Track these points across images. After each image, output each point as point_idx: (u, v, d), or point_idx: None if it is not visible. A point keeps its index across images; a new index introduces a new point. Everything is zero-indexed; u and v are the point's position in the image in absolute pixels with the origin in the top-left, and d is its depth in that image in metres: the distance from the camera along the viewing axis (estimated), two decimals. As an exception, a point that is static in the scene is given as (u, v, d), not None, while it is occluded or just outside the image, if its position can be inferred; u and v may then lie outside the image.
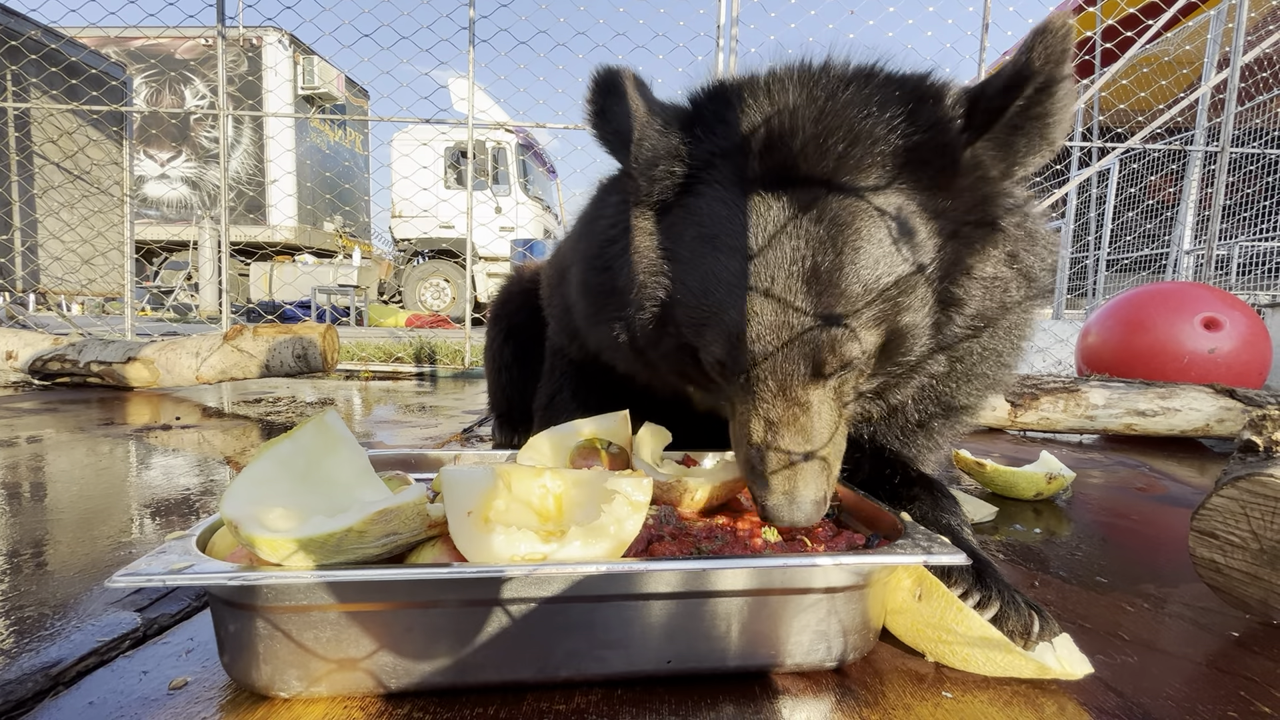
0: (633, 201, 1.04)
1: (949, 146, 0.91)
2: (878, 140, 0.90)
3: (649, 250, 1.02)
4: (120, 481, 1.75)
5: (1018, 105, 0.88)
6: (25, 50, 5.45)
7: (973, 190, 0.93)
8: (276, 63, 13.56)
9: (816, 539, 0.94)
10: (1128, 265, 8.27)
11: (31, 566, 1.14)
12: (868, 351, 0.91)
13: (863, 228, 0.88)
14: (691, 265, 0.96)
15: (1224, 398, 2.67)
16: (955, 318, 0.97)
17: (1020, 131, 0.90)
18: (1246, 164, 6.52)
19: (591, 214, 1.23)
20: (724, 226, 0.93)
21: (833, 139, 0.90)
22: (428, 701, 0.75)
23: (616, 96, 1.04)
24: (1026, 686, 0.82)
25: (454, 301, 13.93)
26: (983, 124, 0.90)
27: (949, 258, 0.93)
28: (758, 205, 0.91)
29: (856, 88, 0.94)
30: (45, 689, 0.77)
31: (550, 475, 0.87)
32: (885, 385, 1.03)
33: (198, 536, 0.78)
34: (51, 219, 5.97)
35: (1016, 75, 0.86)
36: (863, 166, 0.90)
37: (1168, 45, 6.13)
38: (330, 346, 3.68)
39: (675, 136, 0.98)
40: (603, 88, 1.05)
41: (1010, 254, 0.99)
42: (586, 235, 1.21)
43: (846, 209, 0.89)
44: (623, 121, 1.03)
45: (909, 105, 0.91)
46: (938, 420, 1.22)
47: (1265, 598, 0.99)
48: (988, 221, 0.95)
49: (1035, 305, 1.11)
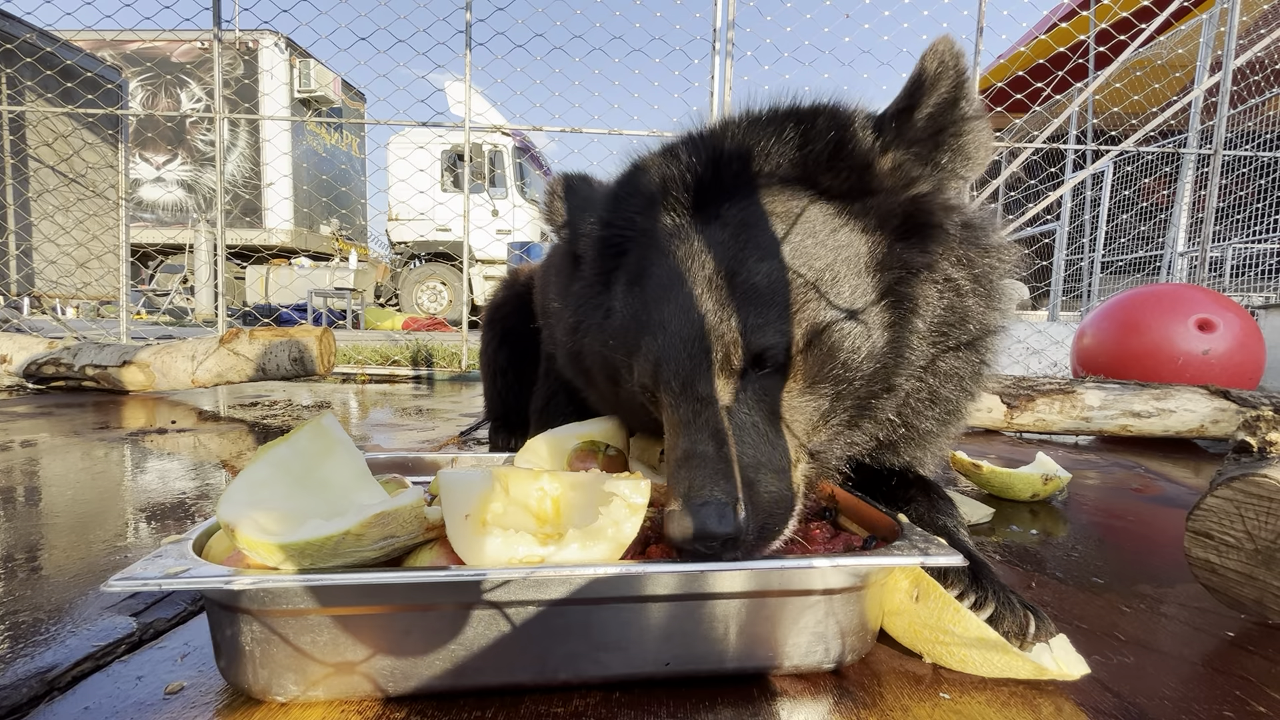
0: (587, 283, 1.13)
1: (858, 154, 0.96)
2: (771, 155, 0.98)
3: (598, 319, 1.09)
4: (115, 486, 1.74)
5: (926, 114, 0.95)
6: (21, 53, 5.44)
7: (898, 193, 0.97)
8: (273, 66, 13.55)
9: (814, 541, 0.94)
10: (1122, 267, 8.30)
11: (26, 571, 1.13)
12: (783, 343, 0.87)
13: (763, 227, 0.93)
14: (622, 312, 1.02)
15: (1218, 399, 2.68)
16: (913, 320, 0.95)
17: (942, 146, 0.96)
18: (1239, 166, 6.56)
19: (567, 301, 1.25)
20: (645, 268, 0.99)
21: (728, 160, 0.98)
22: (426, 705, 0.75)
23: (560, 197, 1.25)
24: (1024, 687, 0.82)
25: (451, 304, 13.92)
26: (894, 132, 0.96)
27: (881, 253, 0.94)
28: (669, 238, 0.99)
29: (751, 123, 1.02)
30: (40, 694, 0.77)
31: (548, 478, 0.87)
32: (855, 414, 0.96)
33: (194, 540, 0.78)
34: (46, 222, 5.95)
35: (913, 84, 0.95)
36: (761, 177, 0.98)
37: (1160, 49, 6.16)
38: (327, 350, 3.68)
39: (602, 215, 1.10)
40: (550, 194, 1.27)
41: (960, 257, 1.01)
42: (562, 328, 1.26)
43: (748, 215, 0.94)
44: (571, 213, 1.22)
45: (803, 125, 0.98)
46: (904, 442, 1.15)
47: (1260, 598, 0.99)
48: (922, 223, 0.97)
49: (1003, 316, 1.08)
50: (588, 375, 1.22)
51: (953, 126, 0.95)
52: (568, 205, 1.23)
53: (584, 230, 1.15)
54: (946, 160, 0.97)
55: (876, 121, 0.98)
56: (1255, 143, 6.66)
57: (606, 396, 1.21)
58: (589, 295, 1.12)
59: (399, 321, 12.21)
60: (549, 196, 1.27)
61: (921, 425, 1.10)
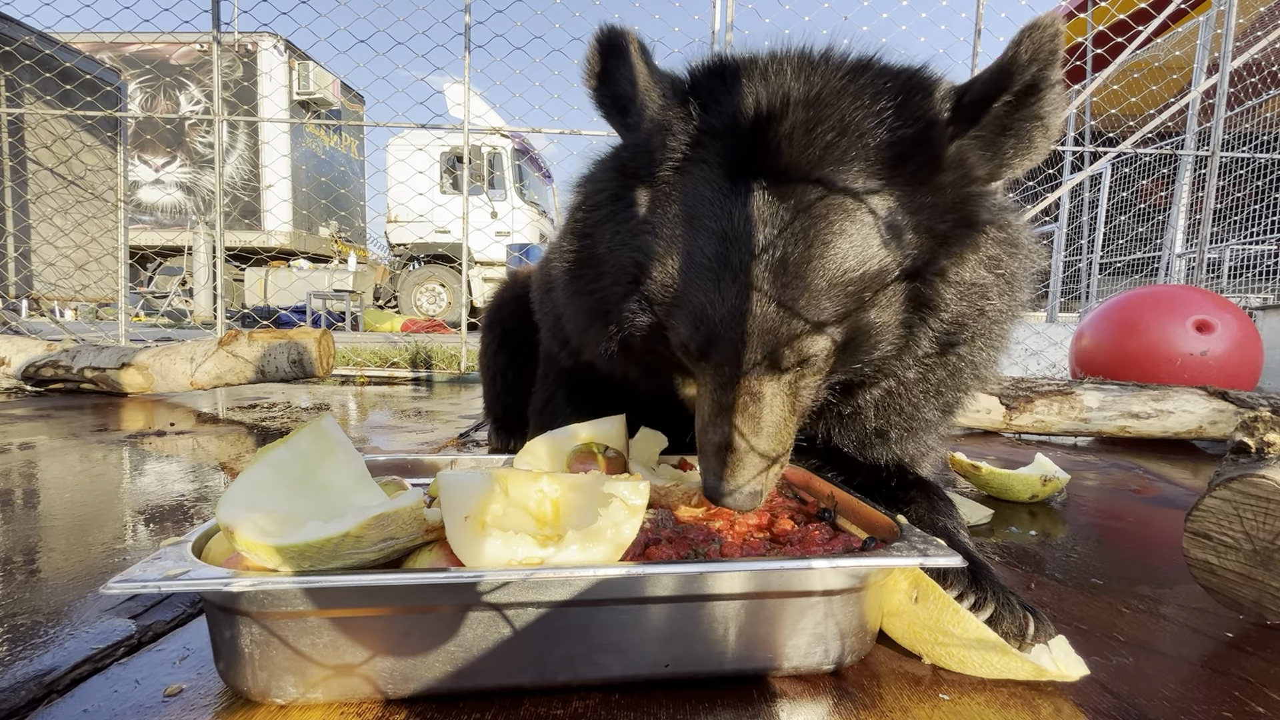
0: (624, 172, 1.02)
1: (933, 141, 0.89)
2: (865, 133, 0.89)
3: (632, 221, 1.00)
4: (114, 488, 1.74)
5: (1005, 102, 0.87)
6: (20, 56, 5.44)
7: (954, 188, 0.92)
8: (272, 68, 13.55)
9: (813, 542, 0.94)
10: (1120, 269, 8.31)
11: (25, 574, 1.13)
12: (827, 349, 0.90)
13: (838, 222, 0.87)
14: (670, 243, 0.94)
15: (1217, 400, 2.68)
16: (929, 320, 0.95)
17: (1009, 132, 0.89)
18: (1237, 168, 6.57)
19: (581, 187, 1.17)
20: (705, 208, 0.91)
21: (821, 128, 0.89)
22: (425, 706, 0.75)
23: (618, 59, 1.01)
24: (1023, 688, 0.82)
25: (450, 306, 13.91)
26: (968, 120, 0.89)
27: (924, 256, 0.91)
28: (740, 190, 0.90)
29: (851, 78, 0.92)
30: (39, 697, 0.76)
31: (547, 479, 0.87)
32: (849, 383, 1.02)
33: (193, 542, 0.78)
34: (45, 224, 5.94)
35: (1002, 71, 0.85)
36: (847, 159, 0.88)
37: (1158, 51, 6.18)
38: (325, 352, 3.68)
39: (672, 110, 0.96)
40: (605, 49, 1.02)
41: (991, 258, 0.97)
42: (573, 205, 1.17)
43: (825, 202, 0.87)
44: (623, 87, 1.00)
45: (899, 98, 0.90)
46: (896, 431, 1.17)
47: (1259, 598, 1.00)
48: (968, 222, 0.93)
49: (1017, 316, 1.08)
50: (596, 275, 1.08)
51: (1026, 114, 0.88)
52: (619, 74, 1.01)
53: (642, 123, 0.98)
54: (1009, 148, 0.90)
55: (954, 106, 0.90)
56: (1252, 144, 6.68)
57: (608, 307, 1.07)
58: (622, 186, 1.01)
59: (398, 323, 12.21)
60: (601, 55, 1.02)
61: (920, 415, 1.12)
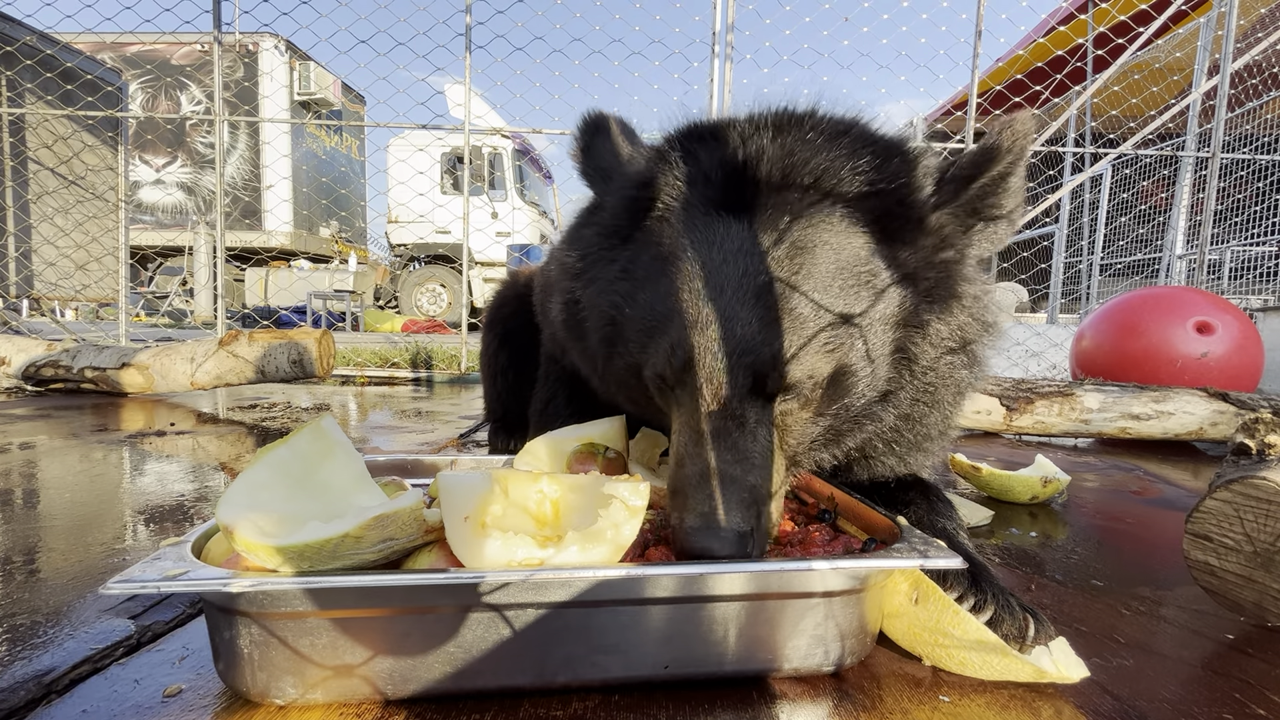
0: (604, 232, 1.07)
1: (915, 205, 0.95)
2: (843, 181, 0.94)
3: (610, 274, 1.04)
4: (114, 488, 1.74)
5: (981, 184, 0.95)
6: (21, 55, 5.44)
7: (935, 252, 0.97)
8: (273, 68, 13.57)
9: (813, 543, 0.94)
10: (1121, 270, 8.32)
11: (24, 574, 1.13)
12: (815, 379, 0.90)
13: (821, 254, 0.91)
14: (644, 282, 0.98)
15: (1217, 401, 2.68)
16: (906, 373, 1.00)
17: (978, 215, 0.97)
18: (1237, 169, 6.58)
19: (570, 238, 1.21)
20: (680, 246, 0.95)
21: (799, 171, 0.94)
22: (424, 707, 0.74)
23: (602, 136, 1.13)
24: (1023, 690, 0.82)
25: (450, 307, 13.92)
26: (950, 195, 0.96)
27: (908, 310, 0.96)
28: (717, 225, 0.94)
29: (829, 134, 0.99)
30: (38, 697, 0.76)
31: (547, 480, 0.87)
32: (836, 431, 1.01)
33: (193, 543, 0.77)
34: (46, 224, 5.95)
35: (984, 153, 0.94)
36: (826, 201, 0.94)
37: (1158, 52, 6.18)
38: (326, 352, 3.68)
39: (648, 168, 1.03)
40: (589, 128, 1.15)
41: (961, 326, 1.02)
42: (561, 270, 1.21)
43: (807, 235, 0.92)
44: (604, 159, 1.12)
45: (879, 159, 0.97)
46: (870, 459, 1.20)
47: (1259, 600, 0.99)
48: (947, 288, 0.98)
49: (975, 383, 1.15)
50: (579, 329, 1.15)
51: (994, 200, 0.96)
52: (602, 148, 1.13)
53: (620, 180, 1.07)
54: (978, 232, 0.99)
55: (938, 178, 0.98)
56: (1253, 145, 6.68)
57: (594, 356, 1.13)
58: (603, 245, 1.06)
59: (398, 324, 12.21)
60: (586, 133, 1.15)
61: (894, 447, 1.17)
